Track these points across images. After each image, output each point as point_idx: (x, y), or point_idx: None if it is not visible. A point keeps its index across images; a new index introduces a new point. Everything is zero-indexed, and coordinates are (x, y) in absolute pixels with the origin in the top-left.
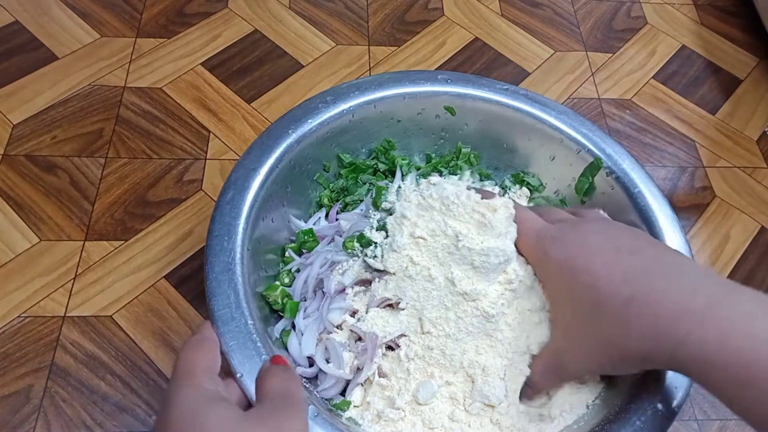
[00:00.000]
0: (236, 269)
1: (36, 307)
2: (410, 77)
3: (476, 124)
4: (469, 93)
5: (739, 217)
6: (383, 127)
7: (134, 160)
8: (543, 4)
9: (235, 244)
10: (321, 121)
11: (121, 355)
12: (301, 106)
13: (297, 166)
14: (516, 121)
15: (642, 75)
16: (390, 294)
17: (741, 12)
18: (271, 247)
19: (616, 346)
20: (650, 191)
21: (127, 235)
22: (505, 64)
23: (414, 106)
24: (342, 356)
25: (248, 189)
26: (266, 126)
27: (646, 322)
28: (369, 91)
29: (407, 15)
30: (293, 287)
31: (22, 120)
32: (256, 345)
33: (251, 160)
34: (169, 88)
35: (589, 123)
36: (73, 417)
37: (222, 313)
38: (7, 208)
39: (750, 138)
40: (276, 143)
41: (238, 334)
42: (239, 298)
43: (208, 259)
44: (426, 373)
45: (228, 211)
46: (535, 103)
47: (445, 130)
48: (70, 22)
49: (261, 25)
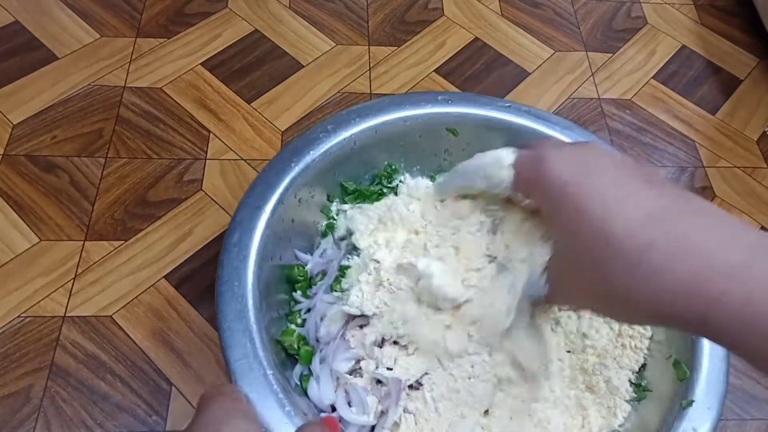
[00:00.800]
0: (249, 315)
1: (36, 307)
2: (410, 100)
3: (479, 143)
4: (470, 113)
5: (739, 217)
6: (385, 152)
7: (134, 160)
8: (543, 4)
9: (246, 289)
10: (323, 152)
11: (121, 355)
12: (302, 137)
13: (301, 199)
14: (520, 139)
15: (642, 75)
16: (387, 333)
17: (741, 12)
18: (281, 287)
19: (625, 301)
20: None
21: (127, 235)
22: (505, 64)
23: (415, 129)
24: (365, 401)
25: (254, 229)
26: (266, 126)
27: (670, 276)
28: (370, 116)
29: (407, 15)
30: (306, 329)
31: (22, 120)
32: (278, 396)
33: (255, 198)
34: (169, 88)
35: (594, 137)
36: (73, 417)
37: (239, 365)
38: (7, 208)
39: (750, 138)
40: (279, 178)
41: (257, 386)
42: (255, 347)
43: (219, 307)
44: (456, 413)
45: (236, 254)
46: (538, 119)
47: (448, 151)
48: (70, 22)
49: (261, 25)
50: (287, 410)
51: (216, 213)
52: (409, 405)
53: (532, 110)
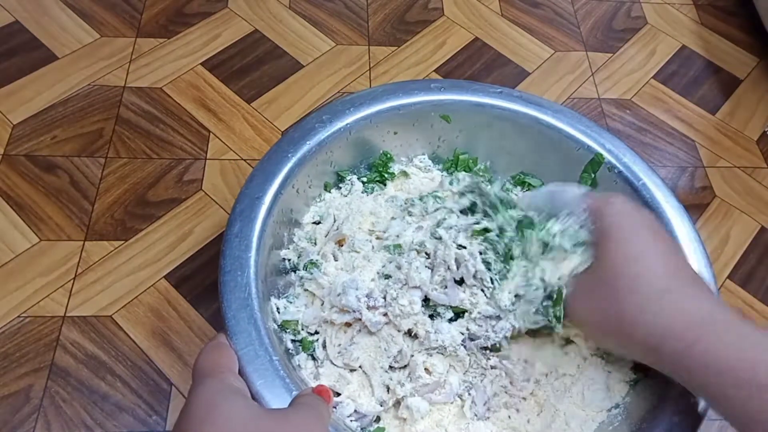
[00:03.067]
0: (253, 304)
1: (36, 307)
2: (404, 88)
3: (472, 129)
4: (463, 99)
5: (739, 217)
6: (380, 141)
7: (134, 160)
8: (543, 4)
9: (249, 278)
10: (319, 141)
11: (121, 355)
12: (298, 128)
13: (299, 189)
14: (512, 124)
15: (642, 75)
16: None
17: (741, 12)
18: (282, 276)
19: (629, 334)
20: (654, 183)
21: (127, 235)
22: (505, 64)
23: (409, 117)
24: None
25: (255, 219)
26: (266, 126)
27: (674, 316)
28: (364, 106)
29: (407, 15)
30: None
31: (22, 120)
32: (285, 381)
33: (254, 189)
34: (169, 88)
35: (586, 120)
36: (73, 417)
37: (245, 352)
38: (7, 208)
39: (750, 138)
40: (277, 168)
41: (264, 372)
42: (261, 334)
43: (223, 297)
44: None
45: (237, 245)
46: (529, 104)
47: (442, 138)
48: (70, 22)
49: (261, 25)
50: (294, 394)
51: (216, 213)
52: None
53: (523, 95)
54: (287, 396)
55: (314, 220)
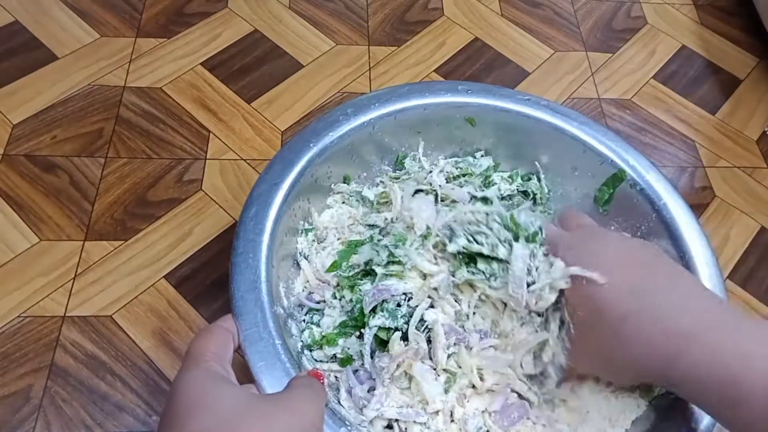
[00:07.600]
0: (262, 287)
1: (36, 307)
2: (431, 88)
3: (496, 134)
4: (490, 104)
5: (739, 217)
6: (403, 138)
7: (134, 160)
8: (543, 4)
9: (260, 262)
10: (342, 134)
11: (121, 355)
12: (321, 119)
13: (318, 179)
14: (537, 132)
15: (642, 75)
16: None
17: (741, 12)
18: (293, 263)
19: (612, 359)
20: (676, 203)
21: (127, 235)
22: (505, 64)
23: (434, 118)
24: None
25: (271, 204)
26: (266, 126)
27: (639, 340)
28: (389, 102)
29: (407, 15)
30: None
31: (22, 120)
32: (285, 365)
33: (273, 175)
34: (169, 88)
35: (611, 134)
36: (73, 417)
37: (249, 333)
38: (7, 208)
39: (750, 138)
40: (297, 157)
41: (266, 354)
42: (266, 317)
43: (233, 277)
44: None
45: (252, 228)
46: (556, 113)
47: (465, 141)
48: (70, 22)
49: (261, 25)
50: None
51: (216, 213)
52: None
53: (550, 104)
54: (287, 379)
55: (331, 210)
